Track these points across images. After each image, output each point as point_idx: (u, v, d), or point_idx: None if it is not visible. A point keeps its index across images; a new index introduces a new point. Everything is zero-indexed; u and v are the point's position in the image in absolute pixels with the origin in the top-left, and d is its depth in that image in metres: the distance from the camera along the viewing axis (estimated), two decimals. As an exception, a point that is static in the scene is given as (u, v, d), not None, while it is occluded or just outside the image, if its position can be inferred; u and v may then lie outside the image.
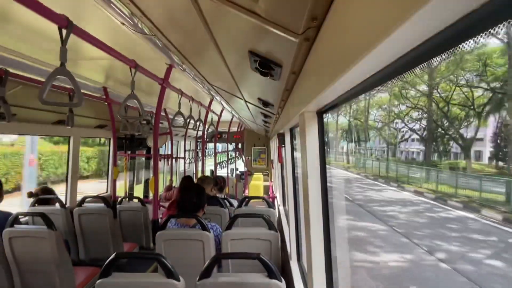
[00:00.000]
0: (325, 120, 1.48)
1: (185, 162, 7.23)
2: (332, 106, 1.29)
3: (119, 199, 4.00)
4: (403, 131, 25.71)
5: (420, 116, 22.35)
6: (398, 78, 0.70)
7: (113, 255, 1.55)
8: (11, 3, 1.06)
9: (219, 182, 4.21)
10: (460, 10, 0.40)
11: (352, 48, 0.64)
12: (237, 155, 9.23)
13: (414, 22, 0.43)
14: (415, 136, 24.15)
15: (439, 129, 20.04)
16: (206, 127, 5.38)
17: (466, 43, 0.46)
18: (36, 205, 3.25)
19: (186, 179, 4.27)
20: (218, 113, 6.02)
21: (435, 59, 0.55)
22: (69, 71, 1.31)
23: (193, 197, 2.32)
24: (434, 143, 20.57)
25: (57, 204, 3.33)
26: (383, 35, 0.49)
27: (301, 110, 1.46)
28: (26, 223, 3.22)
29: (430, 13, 0.40)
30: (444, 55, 0.52)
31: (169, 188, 5.43)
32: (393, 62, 0.63)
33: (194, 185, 2.44)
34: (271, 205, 3.33)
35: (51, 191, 3.39)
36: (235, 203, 4.03)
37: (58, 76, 1.31)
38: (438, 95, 19.16)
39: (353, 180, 20.51)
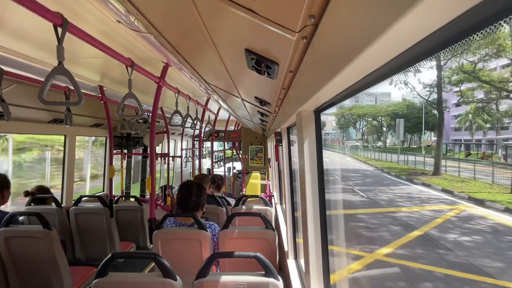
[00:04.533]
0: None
1: (182, 161, 7.21)
2: (329, 105, 1.29)
3: (116, 198, 3.98)
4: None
5: None
6: (395, 76, 0.70)
7: (109, 255, 1.54)
8: (4, 1, 1.05)
9: (217, 180, 4.22)
10: (456, 8, 0.40)
11: (349, 46, 0.64)
12: (234, 154, 9.21)
13: (410, 20, 0.42)
14: None
15: None
16: (203, 125, 5.37)
17: (463, 41, 0.46)
18: (32, 204, 3.23)
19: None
20: (215, 111, 6.00)
21: (431, 57, 0.55)
22: (68, 70, 1.30)
23: (193, 195, 2.33)
24: None
25: (53, 203, 3.31)
26: (380, 34, 0.49)
27: (298, 108, 1.46)
28: (22, 222, 3.20)
29: (427, 12, 0.40)
30: (441, 53, 0.52)
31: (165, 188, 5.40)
32: (390, 61, 0.63)
33: (194, 184, 2.44)
34: (268, 203, 3.34)
35: (47, 190, 3.37)
36: (232, 201, 4.02)
37: (57, 76, 1.30)
38: None
39: None
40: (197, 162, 6.19)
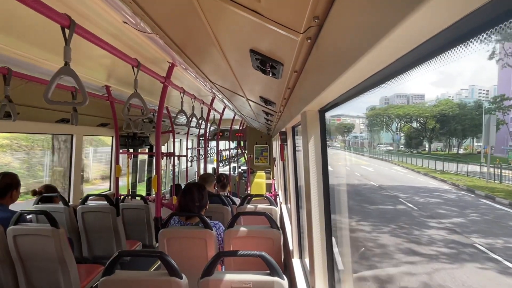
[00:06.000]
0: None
1: (187, 160, 7.25)
2: (334, 105, 1.30)
3: (122, 197, 4.02)
4: None
5: None
6: (399, 78, 0.70)
7: (116, 253, 1.57)
8: (13, 2, 1.07)
9: (222, 179, 4.23)
10: (460, 10, 0.40)
11: (353, 47, 0.64)
12: (239, 153, 9.24)
13: (415, 22, 0.43)
14: None
15: None
16: (208, 125, 5.39)
17: (466, 43, 0.46)
18: (40, 203, 3.27)
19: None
20: (220, 111, 6.03)
21: (436, 59, 0.55)
22: (73, 71, 1.32)
23: (195, 199, 2.33)
24: None
25: (61, 202, 3.35)
26: (384, 35, 0.49)
27: (303, 108, 1.46)
28: (30, 221, 3.25)
29: (431, 13, 0.40)
30: (445, 54, 0.52)
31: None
32: (394, 62, 0.63)
33: (195, 186, 2.44)
34: (273, 203, 3.35)
35: (54, 189, 3.42)
36: (237, 201, 4.04)
37: (62, 76, 1.32)
38: None
39: None
40: (202, 161, 6.22)
